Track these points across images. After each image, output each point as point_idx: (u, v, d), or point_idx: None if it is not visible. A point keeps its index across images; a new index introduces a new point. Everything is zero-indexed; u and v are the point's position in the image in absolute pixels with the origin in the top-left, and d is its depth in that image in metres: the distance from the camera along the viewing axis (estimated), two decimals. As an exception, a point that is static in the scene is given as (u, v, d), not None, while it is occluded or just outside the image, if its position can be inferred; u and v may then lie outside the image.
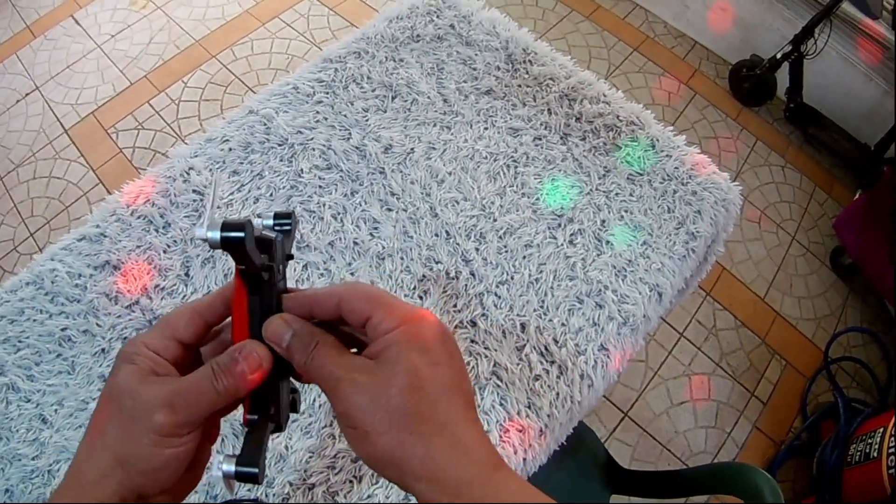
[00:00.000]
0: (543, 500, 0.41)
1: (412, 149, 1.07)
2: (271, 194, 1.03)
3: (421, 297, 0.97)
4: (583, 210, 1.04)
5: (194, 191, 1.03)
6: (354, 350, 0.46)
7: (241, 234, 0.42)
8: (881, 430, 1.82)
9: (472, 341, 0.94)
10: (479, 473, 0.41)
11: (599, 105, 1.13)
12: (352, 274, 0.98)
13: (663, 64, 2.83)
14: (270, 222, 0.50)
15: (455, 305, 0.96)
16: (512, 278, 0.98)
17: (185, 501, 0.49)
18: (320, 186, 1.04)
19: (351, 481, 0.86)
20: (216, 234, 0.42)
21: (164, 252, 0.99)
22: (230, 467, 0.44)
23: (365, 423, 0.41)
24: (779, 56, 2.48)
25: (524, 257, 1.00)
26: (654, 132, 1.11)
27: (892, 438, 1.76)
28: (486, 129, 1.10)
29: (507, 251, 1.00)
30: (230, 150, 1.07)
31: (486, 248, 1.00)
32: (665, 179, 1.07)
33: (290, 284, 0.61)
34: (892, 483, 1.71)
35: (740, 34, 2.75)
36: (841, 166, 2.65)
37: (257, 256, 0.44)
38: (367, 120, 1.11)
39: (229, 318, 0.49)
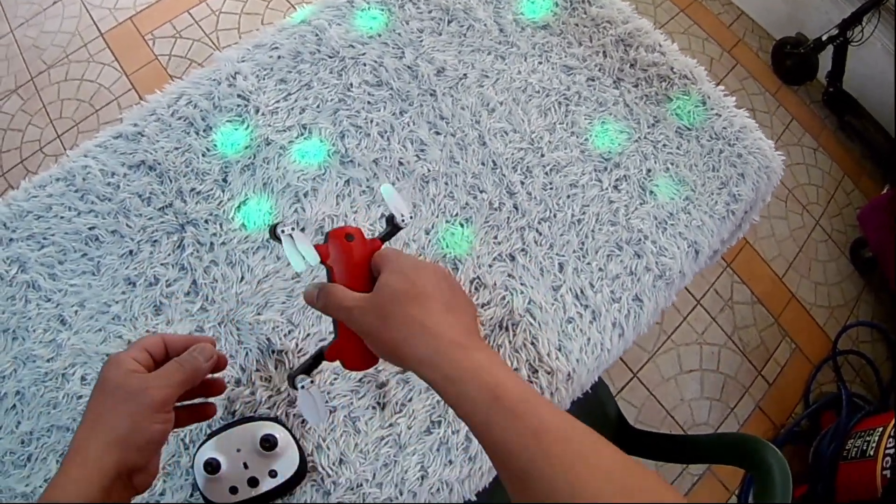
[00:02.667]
0: (490, 369, 0.52)
1: (465, 74, 1.04)
2: (318, 106, 1.00)
3: (462, 225, 0.95)
4: (630, 157, 1.02)
5: (239, 95, 1.00)
6: None
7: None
8: (880, 429, 1.82)
9: (510, 275, 0.92)
10: (446, 349, 0.53)
11: (654, 54, 1.09)
12: (394, 194, 0.95)
13: (708, 29, 2.75)
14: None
15: (496, 237, 0.94)
16: (555, 216, 0.96)
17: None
18: (369, 102, 1.01)
19: (374, 407, 0.85)
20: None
21: (203, 155, 0.96)
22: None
23: (371, 329, 0.57)
24: (824, 38, 2.42)
25: (568, 196, 0.98)
26: (706, 89, 1.08)
27: (891, 440, 1.76)
28: (540, 63, 1.07)
29: (552, 188, 0.98)
30: (279, 57, 1.03)
31: (531, 182, 0.98)
32: (713, 138, 1.05)
33: (332, 199, 0.88)
34: (885, 484, 1.71)
35: (788, 10, 2.68)
36: (871, 158, 2.61)
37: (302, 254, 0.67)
38: (421, 41, 1.07)
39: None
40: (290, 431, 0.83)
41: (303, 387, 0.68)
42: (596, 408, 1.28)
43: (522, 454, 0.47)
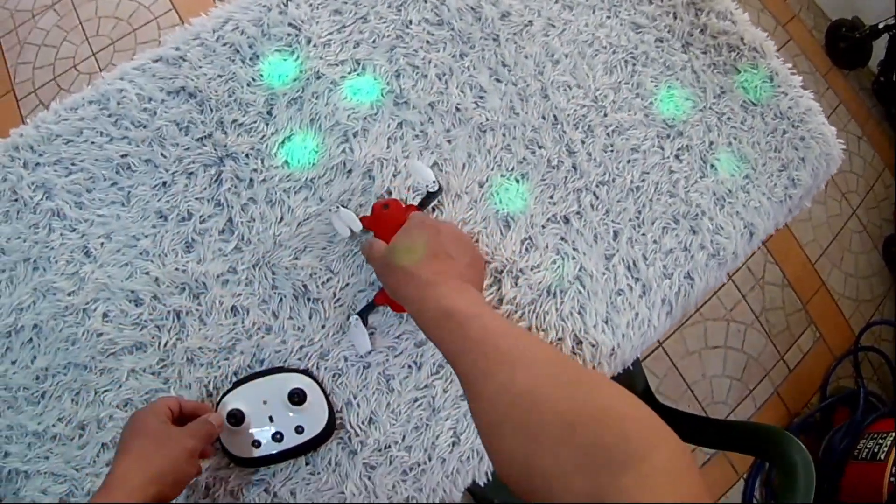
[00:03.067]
0: (449, 297, 0.63)
1: (531, 21, 0.97)
2: (374, 41, 0.94)
3: (518, 181, 0.90)
4: (694, 126, 0.96)
5: (290, 24, 0.93)
6: None
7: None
8: (893, 434, 1.81)
9: (562, 239, 0.88)
10: (422, 287, 0.66)
11: (725, 22, 1.03)
12: (449, 142, 0.90)
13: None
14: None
15: (551, 197, 0.89)
16: (613, 181, 0.91)
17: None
18: (428, 42, 0.95)
19: (410, 367, 0.82)
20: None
21: (248, 85, 0.90)
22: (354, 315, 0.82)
23: (383, 278, 0.73)
24: (881, 26, 2.34)
25: (629, 161, 0.92)
26: (774, 65, 1.02)
27: None
28: (608, 17, 1.00)
29: (612, 150, 0.93)
30: (335, -13, 0.97)
31: (592, 142, 0.92)
32: (777, 117, 0.99)
33: (382, 141, 0.90)
34: (891, 490, 1.70)
35: (847, -9, 2.59)
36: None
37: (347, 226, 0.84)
38: (486, -19, 1.01)
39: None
40: (320, 385, 0.80)
41: (350, 322, 0.81)
42: (624, 377, 1.24)
43: (468, 356, 0.57)
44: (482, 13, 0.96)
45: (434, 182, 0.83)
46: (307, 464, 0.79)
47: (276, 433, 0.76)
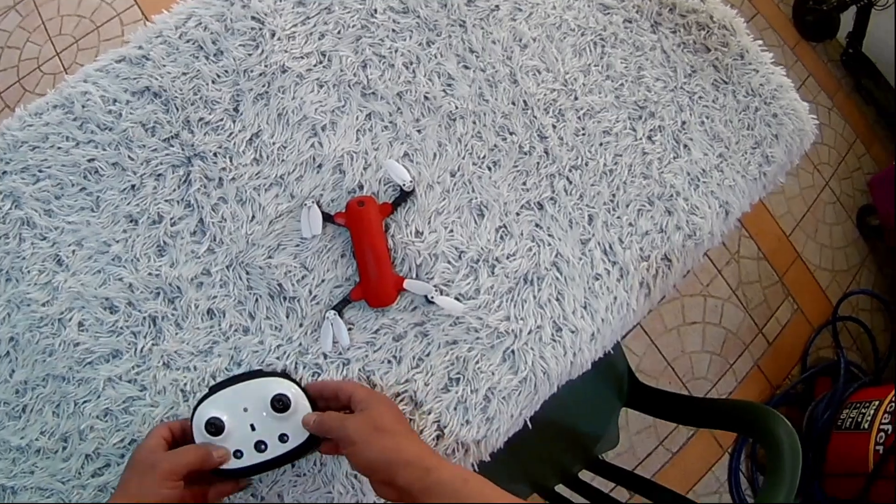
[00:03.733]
0: (469, 474, 0.68)
1: (497, 6, 0.96)
2: (339, 31, 0.92)
3: (490, 168, 0.89)
4: (665, 107, 0.96)
5: (253, 18, 0.91)
6: None
7: None
8: (876, 402, 1.82)
9: (537, 226, 0.88)
10: (429, 451, 0.70)
11: (695, 1, 1.02)
12: (419, 132, 0.89)
13: (730, -28, 2.63)
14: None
15: (524, 184, 0.89)
16: (586, 164, 0.91)
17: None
18: (394, 30, 0.93)
19: (389, 361, 0.82)
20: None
21: (213, 82, 0.89)
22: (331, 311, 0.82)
23: (361, 439, 0.68)
24: (849, -2, 2.35)
25: (601, 144, 0.92)
26: (744, 42, 1.02)
27: (887, 415, 1.75)
28: (575, -1, 1.00)
29: (584, 134, 0.92)
30: (297, -22, 0.95)
31: (563, 126, 0.92)
32: (749, 94, 0.99)
33: (352, 134, 0.88)
34: (876, 459, 1.71)
35: (813, -36, 2.59)
36: (884, 125, 2.57)
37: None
38: (450, -34, 0.99)
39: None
40: (302, 389, 0.76)
41: (327, 317, 0.81)
42: (604, 361, 1.25)
43: None
44: (448, -1, 0.95)
45: (410, 182, 0.84)
46: (292, 466, 0.78)
47: (259, 442, 0.73)
